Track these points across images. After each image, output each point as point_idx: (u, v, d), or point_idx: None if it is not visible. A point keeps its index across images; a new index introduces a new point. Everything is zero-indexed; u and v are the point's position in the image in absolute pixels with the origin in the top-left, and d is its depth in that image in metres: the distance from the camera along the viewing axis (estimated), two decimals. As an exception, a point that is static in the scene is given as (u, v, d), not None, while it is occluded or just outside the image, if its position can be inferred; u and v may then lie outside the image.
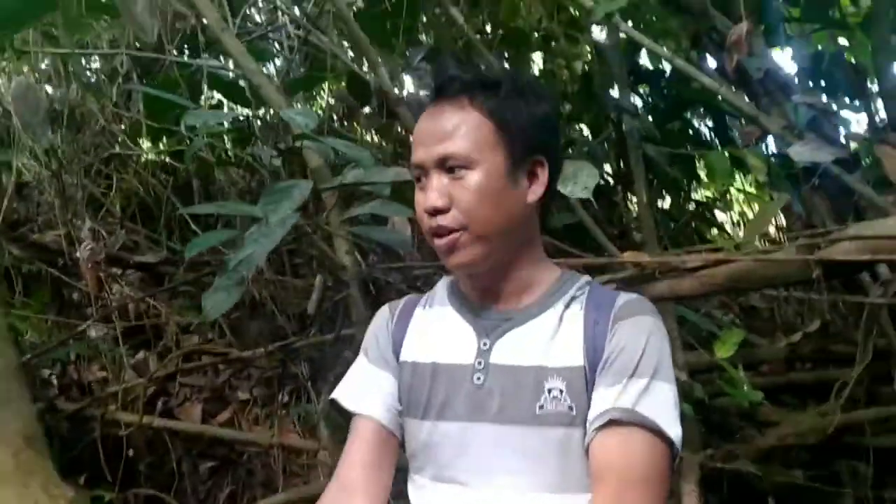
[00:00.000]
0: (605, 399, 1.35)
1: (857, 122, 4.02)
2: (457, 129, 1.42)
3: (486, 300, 1.53)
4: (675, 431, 1.34)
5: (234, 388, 3.93)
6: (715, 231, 4.76)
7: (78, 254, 3.87)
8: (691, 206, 4.73)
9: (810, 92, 3.45)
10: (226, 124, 2.55)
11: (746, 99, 3.32)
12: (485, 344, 1.47)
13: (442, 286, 1.64)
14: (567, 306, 1.47)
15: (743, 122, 3.79)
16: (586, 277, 1.57)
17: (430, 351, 1.53)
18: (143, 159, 4.27)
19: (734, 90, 3.37)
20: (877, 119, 3.89)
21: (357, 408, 1.57)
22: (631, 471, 1.32)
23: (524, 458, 1.40)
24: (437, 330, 1.56)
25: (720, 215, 5.12)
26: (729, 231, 4.93)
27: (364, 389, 1.59)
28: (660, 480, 1.34)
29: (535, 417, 1.39)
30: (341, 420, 1.64)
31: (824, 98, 3.50)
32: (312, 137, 2.41)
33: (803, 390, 3.75)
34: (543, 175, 1.48)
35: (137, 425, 3.10)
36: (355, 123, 4.79)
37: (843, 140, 3.30)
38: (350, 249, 2.95)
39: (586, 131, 4.84)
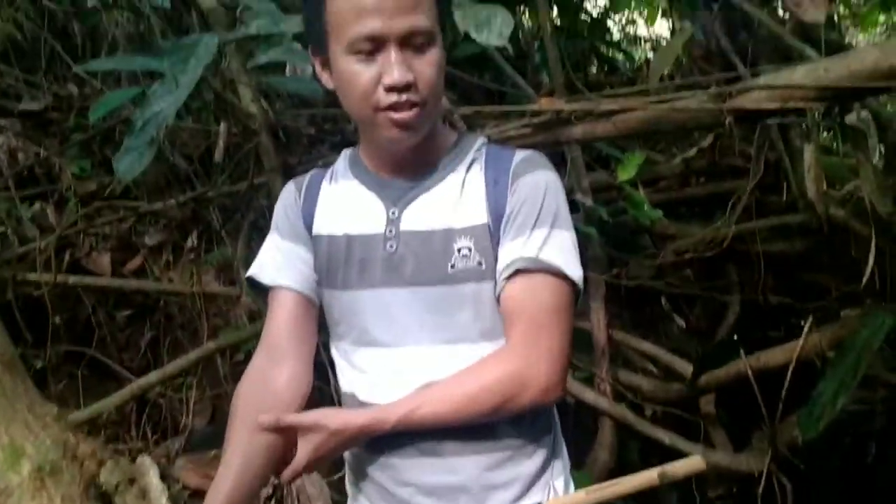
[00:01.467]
0: (511, 251, 1.44)
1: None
2: (417, 1, 1.38)
3: (392, 170, 1.55)
4: (576, 273, 1.45)
5: (140, 234, 3.88)
6: (613, 53, 4.80)
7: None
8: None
9: None
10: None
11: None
12: (393, 213, 1.52)
13: (343, 161, 1.65)
14: (468, 169, 1.52)
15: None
16: (482, 138, 1.61)
17: (341, 224, 1.56)
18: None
19: None
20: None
21: (275, 281, 1.60)
22: (539, 311, 1.43)
23: (440, 314, 1.48)
24: (345, 203, 1.58)
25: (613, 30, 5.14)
26: (624, 48, 4.97)
27: (280, 263, 1.61)
28: (566, 318, 1.46)
29: (447, 276, 1.47)
30: (260, 295, 1.66)
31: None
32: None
33: (698, 204, 3.96)
34: (446, 40, 1.49)
35: (52, 284, 3.03)
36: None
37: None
38: (255, 97, 2.88)
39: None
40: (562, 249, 1.45)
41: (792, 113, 2.09)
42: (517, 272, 1.43)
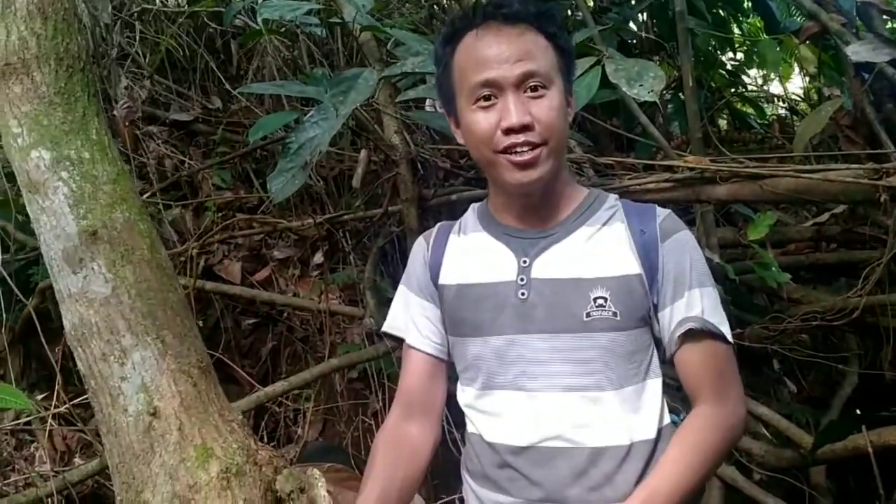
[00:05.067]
0: (677, 311, 1.53)
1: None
2: (534, 49, 1.51)
3: (521, 221, 1.62)
4: (728, 330, 1.56)
5: (270, 246, 4.05)
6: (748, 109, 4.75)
7: (115, 112, 3.87)
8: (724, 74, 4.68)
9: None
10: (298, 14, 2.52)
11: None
12: (524, 262, 1.58)
13: (472, 214, 1.74)
14: (605, 223, 1.59)
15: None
16: (613, 195, 1.69)
17: (471, 274, 1.64)
18: (178, 18, 4.18)
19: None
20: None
21: (406, 338, 1.73)
22: (723, 368, 1.56)
23: (572, 362, 1.54)
24: (474, 254, 1.66)
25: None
26: (761, 106, 4.91)
27: (409, 320, 1.73)
28: (736, 367, 1.59)
29: (583, 325, 1.52)
30: (395, 344, 1.81)
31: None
32: (377, 28, 2.39)
33: (826, 270, 3.87)
34: (572, 98, 1.63)
35: (192, 287, 3.19)
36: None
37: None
38: (399, 129, 2.99)
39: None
40: (717, 308, 1.56)
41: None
42: (687, 333, 1.52)
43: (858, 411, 3.12)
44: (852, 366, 3.71)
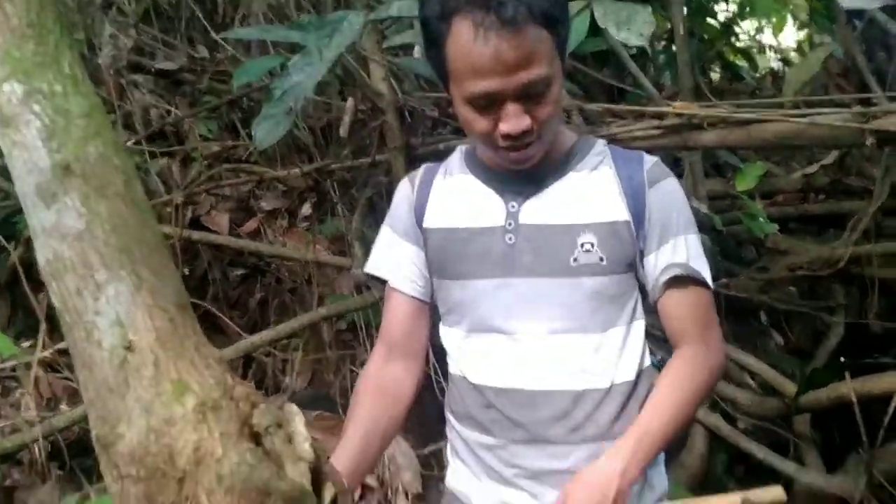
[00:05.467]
0: (662, 257, 1.55)
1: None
2: (535, 49, 1.37)
3: (510, 168, 1.59)
4: (710, 276, 1.58)
5: (258, 198, 4.03)
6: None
7: (99, 60, 3.83)
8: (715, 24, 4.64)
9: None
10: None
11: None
12: (513, 206, 1.58)
13: (458, 155, 1.72)
14: (594, 168, 1.58)
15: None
16: (602, 140, 1.67)
17: (458, 217, 1.63)
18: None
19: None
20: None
21: (391, 281, 1.71)
22: (704, 313, 1.59)
23: (558, 306, 1.55)
24: (461, 197, 1.65)
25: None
26: (754, 58, 4.88)
27: (395, 264, 1.71)
28: (715, 311, 1.62)
29: (569, 269, 1.53)
30: (378, 286, 1.81)
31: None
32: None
33: (812, 221, 3.88)
34: (565, 52, 1.50)
35: (179, 237, 3.18)
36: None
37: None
38: (386, 76, 2.96)
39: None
40: (700, 255, 1.57)
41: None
42: (672, 279, 1.54)
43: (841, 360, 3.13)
44: (838, 317, 3.74)
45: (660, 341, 1.71)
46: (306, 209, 3.85)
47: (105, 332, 0.99)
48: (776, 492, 1.58)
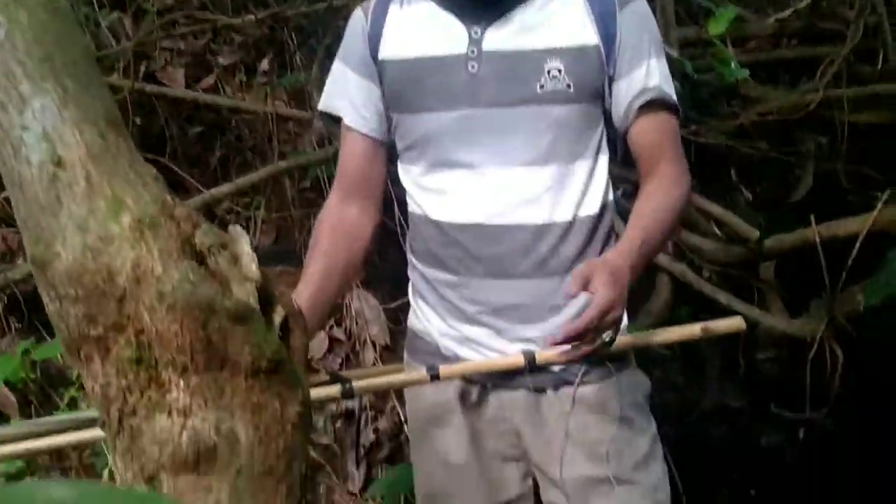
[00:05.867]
0: (635, 82, 1.50)
1: None
2: None
3: None
4: (677, 101, 1.57)
5: (215, 53, 3.87)
6: None
7: None
8: None
9: None
10: None
11: None
12: (475, 32, 1.50)
13: None
14: None
15: None
16: None
17: (416, 46, 1.54)
18: None
19: None
20: None
21: (344, 117, 1.63)
22: (674, 140, 1.58)
23: (523, 136, 1.50)
24: (419, 25, 1.56)
25: None
26: None
27: (347, 97, 1.62)
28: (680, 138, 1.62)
29: (535, 96, 1.48)
30: (332, 125, 1.71)
31: None
32: None
33: (785, 68, 3.80)
34: None
35: (131, 89, 3.05)
36: None
37: None
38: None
39: None
40: (669, 79, 1.55)
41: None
42: (647, 104, 1.50)
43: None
44: (808, 166, 3.73)
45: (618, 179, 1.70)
46: (265, 64, 3.71)
47: (32, 148, 0.93)
48: (736, 321, 1.59)
